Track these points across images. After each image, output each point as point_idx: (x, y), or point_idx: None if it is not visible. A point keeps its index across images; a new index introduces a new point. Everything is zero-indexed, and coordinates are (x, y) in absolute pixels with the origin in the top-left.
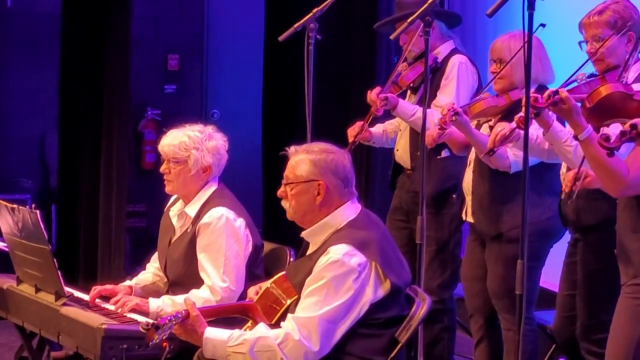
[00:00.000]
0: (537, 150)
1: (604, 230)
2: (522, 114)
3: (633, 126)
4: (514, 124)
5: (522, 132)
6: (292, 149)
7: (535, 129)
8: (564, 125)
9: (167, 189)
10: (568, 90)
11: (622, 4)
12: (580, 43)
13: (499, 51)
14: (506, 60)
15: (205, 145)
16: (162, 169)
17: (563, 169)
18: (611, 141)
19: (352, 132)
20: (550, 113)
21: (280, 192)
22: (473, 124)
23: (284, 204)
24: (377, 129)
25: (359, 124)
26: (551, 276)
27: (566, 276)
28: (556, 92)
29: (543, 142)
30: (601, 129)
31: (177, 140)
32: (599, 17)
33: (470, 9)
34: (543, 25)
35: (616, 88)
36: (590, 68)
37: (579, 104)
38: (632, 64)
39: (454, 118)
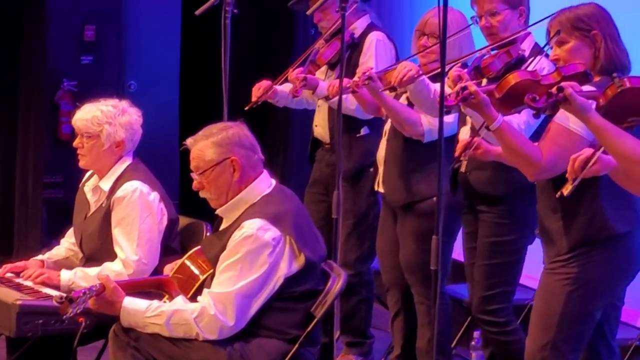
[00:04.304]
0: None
1: (509, 202)
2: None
3: (560, 89)
4: (419, 69)
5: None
6: (190, 140)
7: (434, 85)
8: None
9: (81, 164)
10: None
11: None
12: (472, 18)
13: (434, 26)
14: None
15: (118, 120)
16: (75, 143)
17: (460, 135)
18: (538, 102)
19: (257, 92)
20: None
21: (195, 185)
22: (391, 95)
23: (204, 194)
24: (285, 88)
25: (266, 84)
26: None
27: (469, 245)
28: (465, 88)
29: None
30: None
31: (89, 114)
32: None
33: None
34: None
35: (524, 76)
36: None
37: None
38: (524, 37)
39: (366, 82)
